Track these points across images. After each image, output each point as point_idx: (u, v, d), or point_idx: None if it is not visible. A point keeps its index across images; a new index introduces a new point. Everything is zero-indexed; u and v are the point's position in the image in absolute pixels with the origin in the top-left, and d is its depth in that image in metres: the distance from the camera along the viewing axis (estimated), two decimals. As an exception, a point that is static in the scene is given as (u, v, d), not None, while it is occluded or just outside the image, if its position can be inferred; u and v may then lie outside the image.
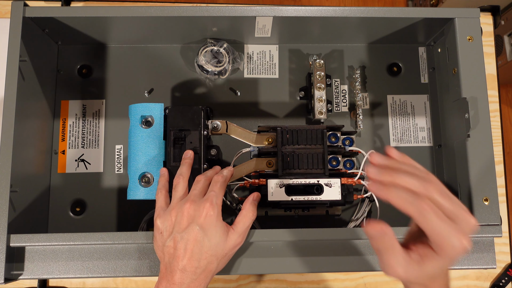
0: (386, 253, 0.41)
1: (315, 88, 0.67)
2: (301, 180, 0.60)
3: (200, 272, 0.49)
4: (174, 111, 0.61)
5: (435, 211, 0.39)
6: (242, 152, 0.64)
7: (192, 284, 0.49)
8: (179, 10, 0.61)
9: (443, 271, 0.43)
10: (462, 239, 0.39)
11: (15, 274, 0.56)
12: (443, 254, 0.40)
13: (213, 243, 0.50)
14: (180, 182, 0.55)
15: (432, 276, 0.42)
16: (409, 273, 0.41)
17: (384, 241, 0.41)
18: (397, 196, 0.40)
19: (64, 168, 0.68)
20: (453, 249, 0.39)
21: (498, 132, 0.75)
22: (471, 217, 0.40)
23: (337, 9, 0.62)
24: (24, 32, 0.59)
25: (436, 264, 0.41)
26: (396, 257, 0.41)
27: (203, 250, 0.49)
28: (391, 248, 0.41)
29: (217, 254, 0.50)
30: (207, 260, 0.49)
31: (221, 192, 0.54)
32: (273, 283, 0.70)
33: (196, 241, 0.49)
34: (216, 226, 0.50)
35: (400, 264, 0.41)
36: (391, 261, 0.41)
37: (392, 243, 0.41)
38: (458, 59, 0.62)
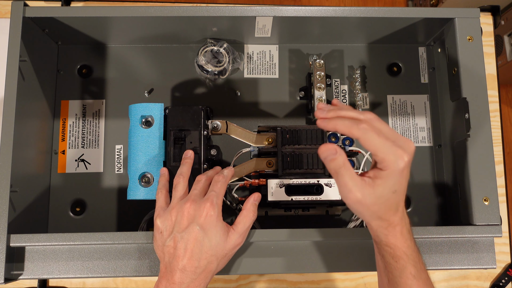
0: (341, 173, 0.44)
1: (315, 88, 0.67)
2: (301, 180, 0.60)
3: (200, 272, 0.49)
4: (174, 111, 0.61)
5: (375, 130, 0.44)
6: (242, 152, 0.64)
7: (192, 284, 0.49)
8: (179, 10, 0.61)
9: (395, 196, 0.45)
10: (401, 152, 0.43)
11: (15, 274, 0.56)
12: (388, 169, 0.44)
13: (213, 243, 0.50)
14: (180, 182, 0.55)
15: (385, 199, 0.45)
16: (365, 195, 0.44)
17: (337, 160, 0.44)
18: (342, 124, 0.45)
19: (64, 168, 0.68)
20: (395, 162, 0.43)
21: (498, 132, 0.75)
22: (406, 139, 0.45)
23: (337, 9, 0.62)
24: (24, 32, 0.59)
25: (386, 182, 0.44)
26: (351, 176, 0.44)
27: (203, 250, 0.49)
28: (344, 167, 0.44)
29: (217, 254, 0.50)
30: (207, 260, 0.49)
31: (222, 192, 0.53)
32: (273, 283, 0.70)
33: (196, 241, 0.49)
34: (216, 226, 0.50)
35: (356, 185, 0.44)
36: (346, 180, 0.44)
37: (344, 162, 0.44)
38: (458, 59, 0.62)
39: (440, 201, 0.69)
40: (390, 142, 0.44)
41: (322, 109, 0.48)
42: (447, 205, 0.69)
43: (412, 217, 0.69)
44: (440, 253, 0.58)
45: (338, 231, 0.57)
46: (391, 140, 0.44)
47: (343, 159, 0.44)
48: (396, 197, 0.45)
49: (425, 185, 0.70)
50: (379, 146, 0.44)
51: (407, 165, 0.44)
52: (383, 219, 0.46)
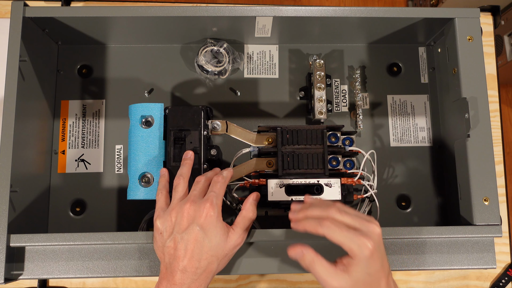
0: (313, 268, 0.48)
1: (315, 88, 0.67)
2: (301, 180, 0.60)
3: (201, 272, 0.49)
4: (174, 111, 0.61)
5: (336, 224, 0.47)
6: (242, 152, 0.64)
7: (192, 285, 0.49)
8: (179, 10, 0.61)
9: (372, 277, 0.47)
10: (364, 240, 0.46)
11: (15, 274, 0.56)
12: (357, 258, 0.46)
13: (213, 243, 0.50)
14: (180, 182, 0.55)
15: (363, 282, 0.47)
16: (341, 282, 0.47)
17: (305, 258, 0.48)
18: (308, 225, 0.49)
19: (64, 168, 0.68)
20: (360, 251, 0.46)
21: (498, 132, 0.75)
22: (370, 223, 0.48)
23: (337, 9, 0.62)
24: (24, 32, 0.59)
25: (357, 268, 0.46)
26: (323, 268, 0.47)
27: (203, 251, 0.49)
28: (314, 262, 0.48)
29: (217, 254, 0.50)
30: (207, 260, 0.49)
31: (221, 192, 0.53)
32: (273, 283, 0.70)
33: (197, 242, 0.49)
34: (216, 226, 0.50)
35: (329, 275, 0.47)
36: (320, 274, 0.47)
37: (313, 258, 0.48)
38: (458, 59, 0.62)
39: (440, 201, 0.69)
40: (352, 233, 0.47)
41: (293, 211, 0.52)
42: (447, 205, 0.69)
43: (412, 217, 0.69)
44: (440, 253, 0.58)
45: (338, 231, 0.57)
46: (354, 230, 0.47)
47: (311, 255, 0.48)
48: (372, 278, 0.47)
49: (425, 185, 0.70)
50: (342, 239, 0.47)
51: (373, 251, 0.46)
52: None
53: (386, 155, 0.71)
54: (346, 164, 0.63)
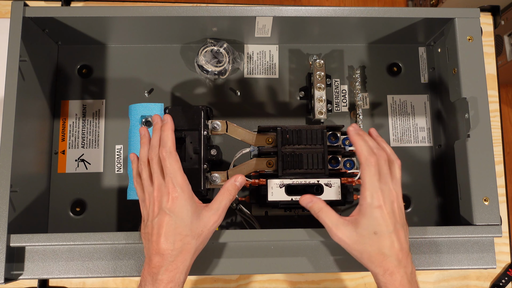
0: (320, 216, 0.52)
1: (315, 88, 0.67)
2: (301, 180, 0.60)
3: (177, 253, 0.49)
4: (174, 111, 0.61)
5: (375, 169, 0.51)
6: (242, 152, 0.64)
7: (170, 266, 0.49)
8: (179, 10, 0.61)
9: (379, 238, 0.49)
10: (380, 194, 0.50)
11: (15, 274, 0.56)
12: (364, 203, 0.50)
13: (185, 223, 0.50)
14: (142, 169, 0.54)
15: (369, 240, 0.49)
16: (345, 233, 0.50)
17: (314, 206, 0.53)
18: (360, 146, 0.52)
19: (64, 168, 0.68)
20: (371, 198, 0.50)
21: (498, 132, 0.75)
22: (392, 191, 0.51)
23: (337, 9, 0.62)
24: (24, 32, 0.59)
25: (364, 221, 0.50)
26: (330, 217, 0.51)
27: (176, 232, 0.50)
28: (321, 211, 0.52)
29: (192, 233, 0.50)
30: (182, 241, 0.50)
31: (175, 166, 0.52)
32: (273, 283, 0.70)
33: (167, 225, 0.50)
34: (184, 205, 0.50)
35: (335, 224, 0.51)
36: (326, 222, 0.51)
37: (321, 207, 0.52)
38: (458, 59, 0.62)
39: (440, 201, 0.69)
40: (378, 184, 0.51)
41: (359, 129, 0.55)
42: (447, 205, 0.69)
43: (412, 217, 0.69)
44: (440, 253, 0.58)
45: (338, 231, 0.57)
46: (380, 184, 0.51)
47: (320, 205, 0.53)
48: (379, 240, 0.49)
49: (425, 185, 0.70)
50: (367, 180, 0.51)
51: (383, 208, 0.50)
52: (376, 264, 0.49)
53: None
54: (346, 164, 0.63)
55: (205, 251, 0.56)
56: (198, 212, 0.51)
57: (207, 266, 0.57)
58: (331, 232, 0.51)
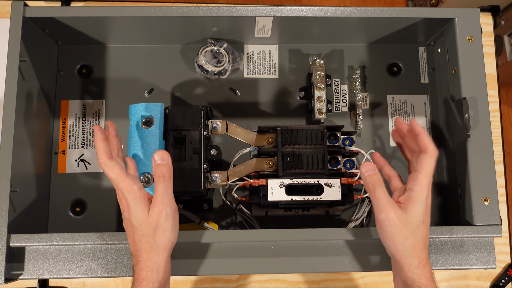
0: (375, 191, 0.50)
1: (315, 88, 0.67)
2: (301, 180, 0.60)
3: (141, 253, 0.50)
4: (174, 111, 0.61)
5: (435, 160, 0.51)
6: (242, 152, 0.64)
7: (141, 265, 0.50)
8: (179, 10, 0.61)
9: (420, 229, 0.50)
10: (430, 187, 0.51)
11: (15, 274, 0.56)
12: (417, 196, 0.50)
13: (139, 223, 0.51)
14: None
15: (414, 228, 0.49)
16: (398, 215, 0.49)
17: (373, 178, 0.50)
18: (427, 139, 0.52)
19: (64, 168, 0.68)
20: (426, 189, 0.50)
21: (498, 132, 0.75)
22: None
23: (337, 9, 0.62)
24: (24, 32, 0.59)
25: (415, 207, 0.49)
26: (384, 195, 0.50)
27: (134, 234, 0.51)
28: (379, 186, 0.50)
29: (146, 231, 0.50)
30: (140, 241, 0.50)
31: (111, 173, 0.50)
32: (273, 283, 0.70)
33: (128, 229, 0.52)
34: (134, 206, 0.50)
35: (389, 202, 0.50)
36: (379, 199, 0.50)
37: (380, 181, 0.50)
38: (458, 59, 0.62)
39: (440, 201, 0.69)
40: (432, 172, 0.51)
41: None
42: (447, 205, 0.69)
43: (412, 217, 0.69)
44: (440, 253, 0.58)
45: (338, 231, 0.57)
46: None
47: (379, 178, 0.51)
48: (424, 229, 0.50)
49: (425, 185, 0.70)
50: (429, 170, 0.51)
51: (429, 199, 0.50)
52: (414, 255, 0.49)
53: (386, 155, 0.71)
54: (346, 164, 0.63)
55: (206, 251, 0.56)
56: (146, 209, 0.51)
57: (207, 266, 0.57)
58: (384, 209, 0.49)
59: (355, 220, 0.66)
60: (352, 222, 0.66)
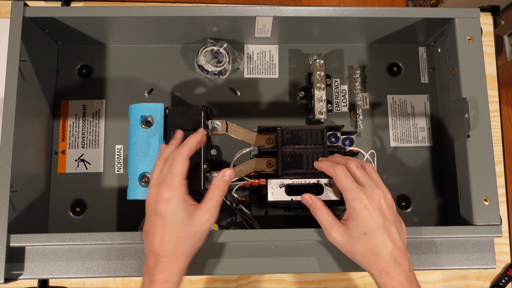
0: (317, 215, 0.53)
1: (315, 88, 0.67)
2: (301, 180, 0.60)
3: (170, 254, 0.49)
4: (174, 111, 0.61)
5: (346, 173, 0.53)
6: (242, 152, 0.64)
7: (165, 267, 0.49)
8: (179, 10, 0.61)
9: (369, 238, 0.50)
10: (362, 195, 0.50)
11: (15, 274, 0.56)
12: (348, 207, 0.51)
13: (176, 225, 0.49)
14: (156, 164, 0.54)
15: (360, 241, 0.50)
16: (339, 234, 0.51)
17: (313, 206, 0.54)
18: (325, 165, 0.55)
19: (64, 168, 0.68)
20: (353, 201, 0.50)
21: (498, 132, 0.75)
22: (376, 188, 0.52)
23: (337, 9, 0.62)
24: (24, 32, 0.59)
25: (353, 223, 0.50)
26: (326, 218, 0.52)
27: (166, 233, 0.49)
28: (319, 211, 0.53)
29: (185, 234, 0.50)
30: (174, 242, 0.49)
31: (178, 170, 0.51)
32: (273, 283, 0.70)
33: (159, 226, 0.49)
34: (176, 208, 0.50)
35: (330, 224, 0.52)
36: (322, 221, 0.53)
37: (319, 207, 0.54)
38: (458, 59, 0.62)
39: (440, 201, 0.69)
40: (355, 186, 0.52)
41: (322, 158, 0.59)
42: (447, 205, 0.69)
43: (412, 217, 0.69)
44: (440, 253, 0.58)
45: (338, 231, 0.57)
46: (360, 185, 0.52)
47: (318, 204, 0.54)
48: (370, 240, 0.50)
49: (425, 185, 0.70)
50: (344, 187, 0.52)
51: (369, 208, 0.50)
52: (370, 266, 0.50)
53: (386, 155, 0.71)
54: (346, 164, 0.63)
55: (205, 251, 0.56)
56: (191, 213, 0.50)
57: (207, 266, 0.57)
58: (326, 232, 0.52)
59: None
60: (352, 222, 0.66)
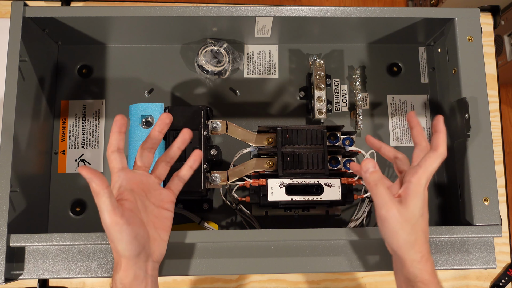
0: (376, 189, 0.49)
1: (315, 88, 0.67)
2: (301, 180, 0.60)
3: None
4: (174, 111, 0.61)
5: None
6: (242, 152, 0.64)
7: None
8: (179, 10, 0.61)
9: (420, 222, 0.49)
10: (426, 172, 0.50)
11: (15, 274, 0.56)
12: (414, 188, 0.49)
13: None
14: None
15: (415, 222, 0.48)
16: (400, 211, 0.48)
17: (374, 176, 0.50)
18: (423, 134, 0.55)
19: (64, 168, 0.68)
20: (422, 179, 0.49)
21: (498, 132, 0.75)
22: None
23: (337, 9, 0.62)
24: (24, 32, 0.59)
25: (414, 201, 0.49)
26: (386, 193, 0.49)
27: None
28: (381, 183, 0.49)
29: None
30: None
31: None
32: (273, 283, 0.70)
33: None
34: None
35: (391, 199, 0.49)
36: (381, 196, 0.49)
37: (381, 178, 0.50)
38: (458, 59, 0.62)
39: (440, 201, 0.69)
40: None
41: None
42: (447, 205, 0.69)
43: (412, 217, 0.69)
44: (440, 253, 0.58)
45: (338, 231, 0.57)
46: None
47: (380, 175, 0.50)
48: (424, 223, 0.50)
49: (425, 185, 0.70)
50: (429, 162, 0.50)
51: (426, 191, 0.50)
52: (416, 250, 0.48)
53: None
54: (346, 164, 0.63)
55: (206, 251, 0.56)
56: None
57: (207, 266, 0.57)
58: (387, 206, 0.48)
59: (355, 220, 0.66)
60: (352, 222, 0.66)
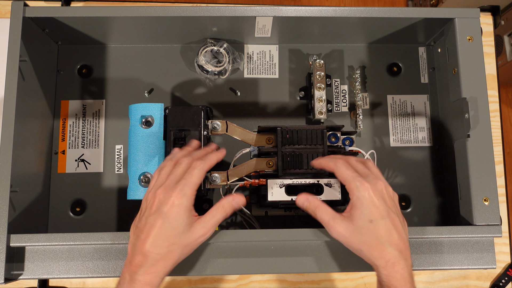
0: (318, 213, 0.52)
1: (315, 88, 0.67)
2: (301, 180, 0.60)
3: (159, 258, 0.49)
4: (174, 111, 0.61)
5: (347, 165, 0.53)
6: (242, 152, 0.64)
7: (150, 269, 0.48)
8: (179, 10, 0.61)
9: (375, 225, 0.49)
10: (366, 183, 0.50)
11: (15, 274, 0.56)
12: (353, 196, 0.50)
13: (175, 231, 0.49)
14: (167, 164, 0.53)
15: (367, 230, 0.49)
16: (345, 228, 0.50)
17: (312, 204, 0.53)
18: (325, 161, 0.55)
19: (64, 168, 0.68)
20: (357, 189, 0.50)
21: (498, 132, 0.75)
22: (377, 179, 0.51)
23: (337, 9, 0.62)
24: (24, 32, 0.59)
25: (358, 212, 0.50)
26: (327, 213, 0.52)
27: (164, 238, 0.49)
28: (318, 208, 0.52)
29: (179, 242, 0.49)
30: (168, 248, 0.49)
31: (195, 180, 0.51)
32: (273, 283, 0.70)
33: (159, 228, 0.49)
34: (181, 215, 0.49)
35: (333, 219, 0.51)
36: (324, 218, 0.51)
37: (318, 204, 0.53)
38: (458, 59, 0.62)
39: (440, 201, 0.69)
40: (357, 175, 0.51)
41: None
42: (447, 205, 0.69)
43: (412, 217, 0.69)
44: (440, 253, 0.58)
45: (338, 231, 0.57)
46: (362, 176, 0.51)
47: (316, 202, 0.53)
48: (375, 228, 0.49)
49: (425, 185, 0.70)
50: (346, 177, 0.51)
51: (373, 196, 0.50)
52: (376, 256, 0.49)
53: (386, 155, 0.71)
54: (346, 164, 0.63)
55: (206, 251, 0.56)
56: (191, 224, 0.50)
57: (207, 266, 0.57)
58: (329, 227, 0.51)
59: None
60: (352, 222, 0.66)
